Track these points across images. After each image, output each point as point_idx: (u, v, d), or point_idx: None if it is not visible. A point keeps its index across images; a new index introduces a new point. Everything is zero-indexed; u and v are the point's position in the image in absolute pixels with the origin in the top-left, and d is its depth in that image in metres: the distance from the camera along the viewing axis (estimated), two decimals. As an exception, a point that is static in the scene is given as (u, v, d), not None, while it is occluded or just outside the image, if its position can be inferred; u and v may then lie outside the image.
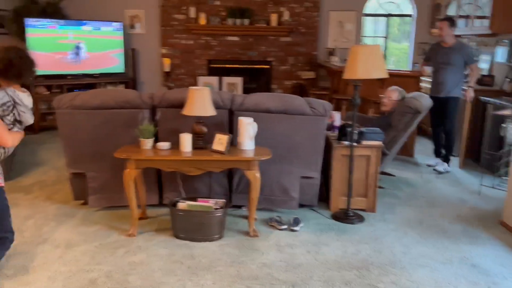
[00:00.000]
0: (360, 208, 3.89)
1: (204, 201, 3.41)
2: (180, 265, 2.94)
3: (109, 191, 3.76)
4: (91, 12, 7.70)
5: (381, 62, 3.49)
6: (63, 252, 3.08)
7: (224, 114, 3.68)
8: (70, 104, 3.59)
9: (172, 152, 3.34)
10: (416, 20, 8.17)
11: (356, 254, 3.15)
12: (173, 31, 7.92)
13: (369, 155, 3.79)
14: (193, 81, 8.07)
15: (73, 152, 3.69)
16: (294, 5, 7.84)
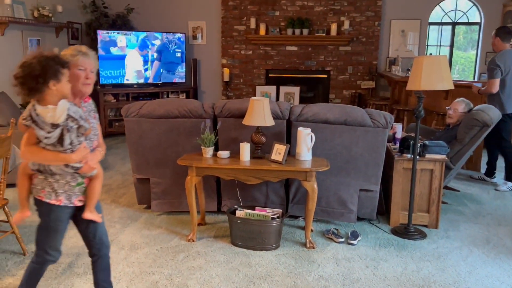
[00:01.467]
0: (422, 223, 3.75)
1: (262, 210, 3.44)
2: (238, 273, 2.98)
3: (170, 196, 3.91)
4: (156, 23, 8.06)
5: (446, 74, 3.36)
6: (127, 254, 3.23)
7: (282, 124, 3.71)
8: (137, 113, 3.78)
9: (232, 160, 3.41)
10: (483, 28, 7.79)
11: (417, 272, 3.04)
12: (233, 41, 8.09)
13: (432, 169, 3.66)
14: (251, 90, 8.19)
15: (138, 158, 3.87)
16: (355, 14, 7.75)
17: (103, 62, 7.15)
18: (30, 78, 1.93)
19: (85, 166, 2.16)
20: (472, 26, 8.20)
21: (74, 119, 2.01)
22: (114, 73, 7.31)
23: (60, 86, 1.99)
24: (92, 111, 2.28)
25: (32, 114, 2.01)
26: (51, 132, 2.00)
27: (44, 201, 2.12)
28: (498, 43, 4.79)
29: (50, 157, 2.05)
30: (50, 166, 2.09)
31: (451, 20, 8.10)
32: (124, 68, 7.39)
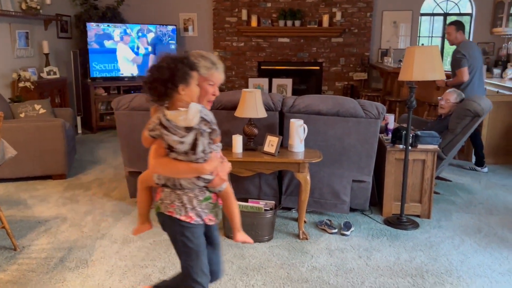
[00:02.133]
0: (414, 214, 3.77)
1: (255, 202, 3.44)
2: (231, 265, 2.98)
3: (163, 189, 3.88)
4: (147, 15, 7.98)
5: (438, 64, 3.36)
6: (120, 248, 3.21)
7: (275, 116, 3.70)
8: (128, 105, 3.74)
9: (224, 153, 3.37)
10: (475, 19, 7.81)
11: (410, 261, 3.06)
12: (224, 33, 8.04)
13: (424, 160, 3.67)
14: (244, 83, 8.16)
15: (130, 151, 3.84)
16: (346, 6, 7.73)
17: (94, 55, 7.07)
18: (159, 83, 1.79)
19: (216, 178, 1.94)
20: (464, 16, 8.21)
21: (207, 122, 1.84)
22: (106, 66, 7.23)
23: (189, 90, 1.83)
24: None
25: (162, 121, 1.82)
26: (184, 137, 1.81)
27: (175, 217, 1.90)
28: (460, 35, 4.95)
29: (182, 168, 1.85)
30: (180, 180, 1.88)
31: (442, 10, 8.10)
32: (116, 61, 7.31)
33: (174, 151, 1.85)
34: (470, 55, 4.82)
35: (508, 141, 5.37)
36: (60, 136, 4.60)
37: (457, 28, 4.95)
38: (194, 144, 1.83)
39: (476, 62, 4.87)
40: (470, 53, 4.83)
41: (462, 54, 4.79)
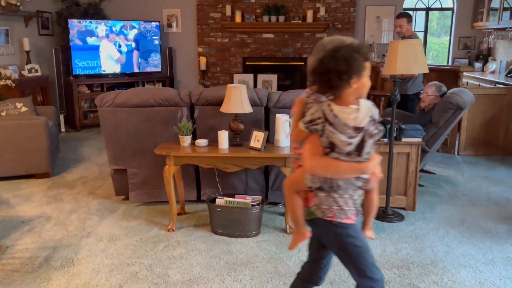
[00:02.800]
0: (400, 206, 3.81)
1: (242, 197, 3.44)
2: (219, 260, 2.98)
3: (149, 187, 3.86)
4: (130, 12, 7.89)
5: (421, 57, 3.40)
6: (106, 246, 3.18)
7: (260, 111, 3.70)
8: (112, 103, 3.70)
9: (210, 149, 3.39)
10: (456, 14, 7.91)
11: (395, 253, 3.10)
12: (209, 29, 8.00)
13: (408, 153, 3.71)
14: (228, 79, 8.13)
15: (114, 149, 3.80)
16: (330, 1, 7.75)
17: (76, 52, 6.97)
18: (334, 74, 1.61)
19: (372, 176, 1.79)
20: (445, 11, 8.31)
21: (375, 122, 1.70)
22: (89, 63, 7.14)
23: (361, 84, 1.65)
24: None
25: (327, 115, 1.65)
26: (353, 138, 1.65)
27: (336, 221, 1.77)
28: (411, 27, 4.96)
29: (345, 168, 1.69)
30: (338, 181, 1.73)
31: (424, 5, 8.18)
32: (99, 58, 7.22)
33: (336, 151, 1.67)
34: None
35: (488, 133, 5.46)
36: (43, 135, 4.53)
37: (409, 20, 4.93)
38: (360, 145, 1.68)
39: None
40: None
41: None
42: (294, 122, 1.76)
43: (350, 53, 1.61)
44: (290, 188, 1.87)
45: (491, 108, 5.40)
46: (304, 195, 1.84)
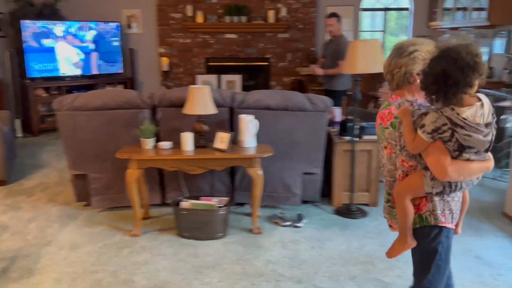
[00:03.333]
0: (363, 203, 3.89)
1: (207, 199, 3.41)
2: (185, 264, 2.94)
3: (111, 191, 3.77)
4: (88, 12, 7.67)
5: (380, 57, 3.48)
6: (68, 254, 3.08)
7: (225, 112, 3.68)
8: (70, 106, 3.59)
9: (174, 151, 3.34)
10: (413, 14, 8.16)
11: (360, 249, 3.16)
12: (170, 30, 7.90)
13: (370, 150, 3.79)
14: (191, 79, 8.05)
15: (74, 154, 3.69)
16: (291, 1, 7.82)
17: (31, 55, 6.71)
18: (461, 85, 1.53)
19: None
20: (403, 11, 8.55)
21: (494, 114, 1.63)
22: (46, 66, 6.89)
23: (475, 87, 1.58)
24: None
25: (454, 120, 1.56)
26: (487, 135, 1.61)
27: (444, 227, 1.73)
28: (340, 27, 5.08)
29: (476, 168, 1.65)
30: (462, 183, 1.68)
31: (383, 5, 8.39)
32: (56, 61, 6.98)
33: (466, 152, 1.62)
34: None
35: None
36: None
37: (338, 19, 5.05)
38: (491, 141, 1.65)
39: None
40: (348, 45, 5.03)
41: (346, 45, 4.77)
42: (409, 134, 1.65)
43: (472, 59, 1.53)
44: (404, 196, 1.74)
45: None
46: (413, 202, 1.76)
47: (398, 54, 1.79)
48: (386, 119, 1.78)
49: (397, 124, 1.72)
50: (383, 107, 1.82)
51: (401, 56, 1.78)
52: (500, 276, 2.79)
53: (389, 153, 1.79)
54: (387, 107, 1.80)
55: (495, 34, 6.16)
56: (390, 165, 1.81)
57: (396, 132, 1.73)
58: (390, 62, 1.82)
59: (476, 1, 6.22)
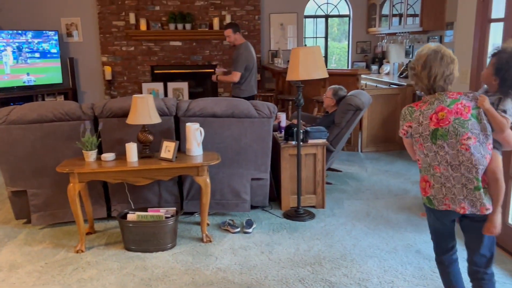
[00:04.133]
0: (310, 205, 3.98)
1: (155, 210, 3.35)
2: (133, 278, 2.88)
3: (53, 207, 3.61)
4: (24, 21, 7.35)
5: (321, 63, 3.59)
6: (6, 275, 2.92)
7: (170, 121, 3.65)
8: (5, 120, 3.41)
9: (118, 163, 3.26)
10: (353, 20, 8.47)
11: (308, 251, 3.22)
12: (112, 38, 7.71)
13: (315, 153, 3.89)
14: (136, 88, 7.91)
15: (11, 169, 3.51)
16: (235, 9, 7.88)
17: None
18: None
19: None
20: (343, 18, 8.86)
21: None
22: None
23: None
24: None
25: None
26: None
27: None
28: (238, 36, 5.28)
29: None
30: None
31: (324, 12, 8.65)
32: (-12, 71, 6.62)
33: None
34: (248, 57, 5.18)
35: (386, 131, 5.92)
36: None
37: (234, 30, 5.25)
38: None
39: (253, 62, 5.28)
40: (249, 55, 5.21)
41: (241, 55, 5.13)
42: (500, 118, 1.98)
43: None
44: (500, 175, 2.02)
45: (387, 107, 5.86)
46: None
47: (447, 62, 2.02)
48: (465, 112, 1.98)
49: (477, 114, 1.98)
50: (450, 104, 2.00)
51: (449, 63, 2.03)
52: (439, 269, 2.94)
53: (475, 142, 1.98)
54: (455, 103, 2.00)
55: (429, 39, 6.52)
56: (477, 153, 1.98)
57: (483, 121, 1.98)
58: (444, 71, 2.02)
59: (410, 8, 6.56)
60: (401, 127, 2.12)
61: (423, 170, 2.14)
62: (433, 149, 2.04)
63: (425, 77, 2.02)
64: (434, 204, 2.12)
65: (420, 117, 2.05)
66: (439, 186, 2.08)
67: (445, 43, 6.08)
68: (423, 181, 2.15)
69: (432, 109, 2.01)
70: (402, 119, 2.12)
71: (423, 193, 2.16)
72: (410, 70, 2.11)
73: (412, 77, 2.10)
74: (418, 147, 2.10)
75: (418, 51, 2.08)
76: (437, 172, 2.06)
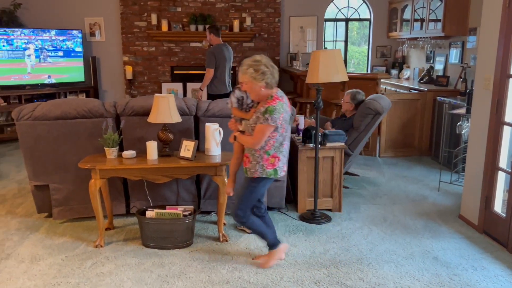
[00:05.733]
0: (327, 208, 3.98)
1: (173, 208, 3.40)
2: (150, 274, 2.92)
3: (74, 202, 3.69)
4: (49, 20, 7.52)
5: (341, 66, 3.59)
6: (28, 267, 3.00)
7: (189, 120, 3.69)
8: (30, 115, 3.51)
9: (138, 160, 3.32)
10: (373, 24, 8.43)
11: (324, 254, 3.22)
12: (134, 38, 7.83)
13: (333, 156, 3.89)
14: (156, 88, 8.01)
15: (35, 164, 3.60)
16: (255, 11, 7.92)
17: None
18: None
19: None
20: (364, 22, 8.82)
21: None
22: (4, 74, 6.68)
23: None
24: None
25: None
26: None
27: None
28: (213, 37, 5.71)
29: None
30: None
31: (344, 16, 8.63)
32: (15, 69, 6.78)
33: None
34: (219, 55, 5.63)
35: (405, 136, 5.87)
36: (-48, 152, 4.17)
37: (210, 31, 5.71)
38: None
39: (224, 61, 5.70)
40: (220, 54, 5.64)
41: (212, 55, 5.60)
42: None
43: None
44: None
45: (407, 112, 5.82)
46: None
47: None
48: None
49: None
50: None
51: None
52: (456, 276, 2.92)
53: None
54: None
55: (450, 45, 6.45)
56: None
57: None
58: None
59: (432, 12, 6.50)
60: (277, 119, 2.66)
61: (273, 149, 2.77)
62: (287, 130, 2.80)
63: (276, 73, 2.73)
64: (278, 173, 2.82)
65: (286, 108, 2.76)
66: (283, 157, 2.83)
67: (468, 49, 6.01)
68: (272, 158, 2.78)
69: (286, 100, 2.80)
70: (278, 112, 2.65)
71: (271, 167, 2.79)
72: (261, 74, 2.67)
73: (265, 74, 2.67)
74: (281, 131, 2.74)
75: (255, 59, 2.71)
76: (283, 148, 2.81)
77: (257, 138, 2.71)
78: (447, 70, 6.55)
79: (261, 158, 2.78)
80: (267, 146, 2.75)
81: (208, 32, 5.76)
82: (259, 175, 2.81)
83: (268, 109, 2.66)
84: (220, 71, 5.70)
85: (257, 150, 2.77)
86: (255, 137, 2.72)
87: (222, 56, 5.68)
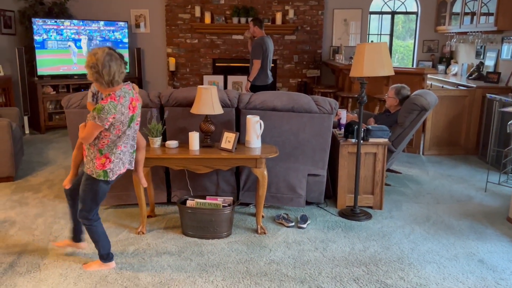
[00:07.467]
0: (367, 205, 3.91)
1: (213, 198, 3.44)
2: (190, 262, 2.97)
3: (118, 189, 3.80)
4: (97, 11, 7.75)
5: (387, 60, 3.50)
6: (74, 250, 3.11)
7: (231, 112, 3.71)
8: (79, 104, 3.63)
9: (180, 150, 3.37)
10: (420, 18, 8.16)
11: (364, 251, 3.17)
12: (178, 30, 7.95)
13: (375, 153, 3.81)
14: (198, 80, 8.10)
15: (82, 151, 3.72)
16: (298, 3, 7.85)
17: (41, 52, 6.78)
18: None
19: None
20: (410, 15, 8.55)
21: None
22: (54, 64, 6.96)
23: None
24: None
25: None
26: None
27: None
28: (257, 30, 5.82)
29: None
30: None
31: (390, 9, 8.40)
32: (64, 59, 7.05)
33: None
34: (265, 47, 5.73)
35: (450, 134, 5.67)
36: (6, 137, 4.39)
37: (254, 23, 5.82)
38: None
39: (269, 53, 5.82)
40: (266, 45, 5.74)
41: (260, 46, 5.69)
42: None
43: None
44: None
45: (453, 109, 5.61)
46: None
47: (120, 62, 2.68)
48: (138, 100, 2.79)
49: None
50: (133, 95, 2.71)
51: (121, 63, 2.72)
52: (503, 281, 2.80)
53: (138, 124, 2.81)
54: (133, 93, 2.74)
55: (503, 40, 6.15)
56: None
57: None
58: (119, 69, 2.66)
59: (483, 6, 6.21)
60: (105, 120, 2.50)
61: (106, 149, 2.64)
62: (126, 131, 2.65)
63: (106, 74, 2.54)
64: (109, 176, 2.67)
65: (122, 109, 2.56)
66: (117, 160, 2.68)
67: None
68: (104, 157, 2.64)
69: (128, 101, 2.61)
70: (106, 112, 2.49)
71: (100, 167, 2.65)
72: (90, 69, 2.53)
73: (93, 75, 2.54)
74: (115, 132, 2.60)
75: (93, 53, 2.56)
76: (118, 150, 2.67)
77: (85, 133, 2.59)
78: (498, 66, 6.26)
79: (94, 155, 2.66)
80: (100, 144, 2.62)
81: (252, 25, 5.86)
82: (90, 174, 2.68)
83: (97, 107, 2.52)
84: (265, 63, 5.79)
85: (91, 146, 2.65)
86: (84, 131, 2.60)
87: (268, 48, 5.77)
